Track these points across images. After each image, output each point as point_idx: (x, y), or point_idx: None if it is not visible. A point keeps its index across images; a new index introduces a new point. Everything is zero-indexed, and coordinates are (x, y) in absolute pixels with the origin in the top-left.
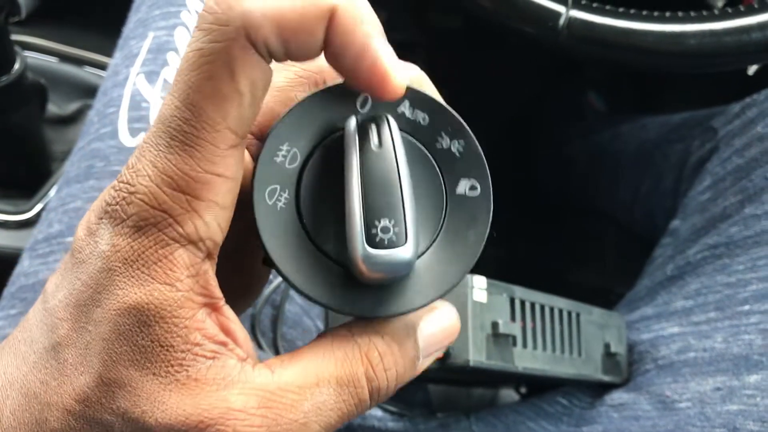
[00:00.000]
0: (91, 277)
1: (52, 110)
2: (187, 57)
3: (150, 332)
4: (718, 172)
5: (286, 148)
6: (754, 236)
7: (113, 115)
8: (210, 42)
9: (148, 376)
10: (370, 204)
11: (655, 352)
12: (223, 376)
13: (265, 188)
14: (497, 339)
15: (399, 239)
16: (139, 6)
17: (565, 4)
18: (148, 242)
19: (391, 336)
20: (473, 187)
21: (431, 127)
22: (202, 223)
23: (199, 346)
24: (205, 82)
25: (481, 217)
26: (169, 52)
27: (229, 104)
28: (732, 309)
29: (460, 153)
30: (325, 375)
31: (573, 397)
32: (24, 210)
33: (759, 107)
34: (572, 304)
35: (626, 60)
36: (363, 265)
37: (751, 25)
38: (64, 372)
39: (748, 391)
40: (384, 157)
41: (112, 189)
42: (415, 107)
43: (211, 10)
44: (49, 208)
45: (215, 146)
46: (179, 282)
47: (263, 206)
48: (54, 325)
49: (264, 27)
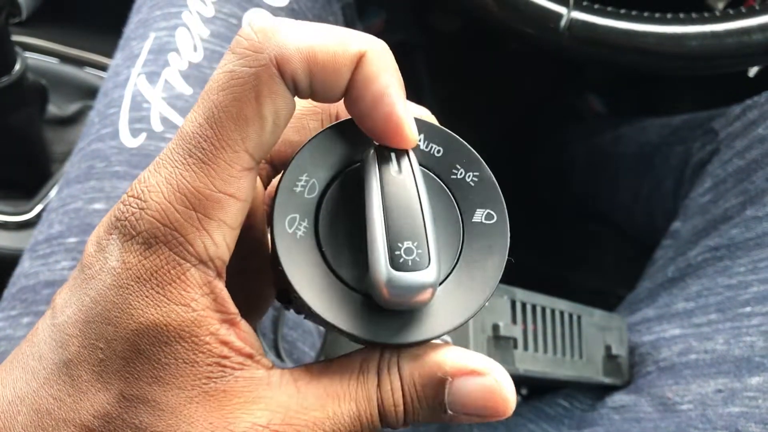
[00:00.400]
0: (100, 294)
1: (52, 111)
2: (216, 77)
3: (172, 351)
4: (719, 174)
5: (305, 178)
6: (756, 238)
7: (114, 116)
8: (242, 66)
9: (174, 390)
10: (392, 227)
11: (657, 354)
12: (251, 389)
13: (285, 217)
14: (498, 341)
15: (422, 261)
16: (140, 7)
17: (566, 5)
18: (160, 261)
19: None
20: (489, 215)
21: (446, 159)
22: (211, 243)
23: (227, 358)
24: (231, 102)
25: (498, 245)
26: (170, 53)
27: (250, 127)
28: (733, 311)
29: (475, 183)
30: (346, 397)
31: (574, 399)
32: (24, 211)
33: (760, 109)
34: (573, 306)
35: (627, 61)
36: (386, 287)
37: (752, 26)
38: (80, 389)
39: (749, 393)
40: (404, 182)
41: (122, 203)
42: (430, 141)
43: (247, 37)
44: (49, 208)
45: (231, 166)
46: (194, 302)
47: (283, 235)
48: (64, 342)
49: (295, 61)
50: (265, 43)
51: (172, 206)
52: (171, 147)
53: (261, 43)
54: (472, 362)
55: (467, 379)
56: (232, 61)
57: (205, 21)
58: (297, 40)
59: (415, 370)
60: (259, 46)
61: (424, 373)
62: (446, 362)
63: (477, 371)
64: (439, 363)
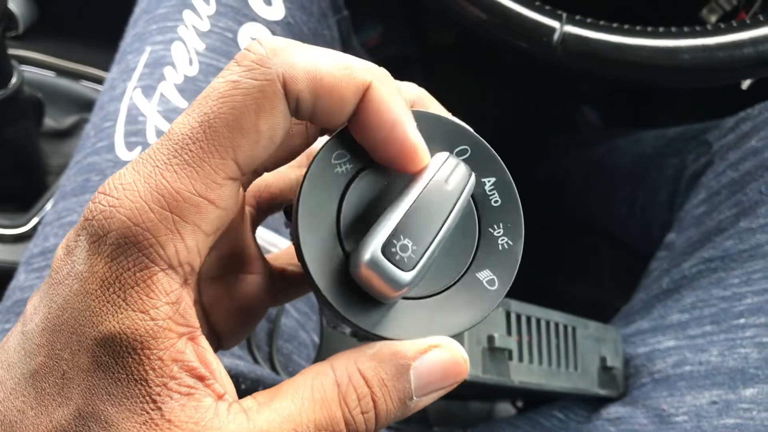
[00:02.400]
0: (66, 301)
1: (48, 124)
2: (217, 85)
3: (124, 364)
4: (713, 186)
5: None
6: (749, 250)
7: (110, 129)
8: (247, 77)
9: (125, 412)
10: (407, 221)
11: (651, 366)
12: (196, 420)
13: (335, 150)
14: (493, 353)
15: (409, 263)
16: (136, 21)
17: (559, 19)
18: (127, 263)
19: (376, 376)
20: (492, 281)
21: (497, 212)
22: (183, 247)
23: (175, 380)
24: (229, 111)
25: (480, 307)
26: (166, 67)
27: (244, 138)
28: (727, 322)
29: (503, 249)
30: (303, 420)
31: (569, 411)
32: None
33: (753, 121)
34: (568, 318)
35: (620, 74)
36: (364, 262)
37: (744, 40)
38: (42, 402)
39: (744, 405)
40: (446, 193)
41: (92, 202)
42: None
43: (255, 51)
44: (45, 222)
45: (216, 172)
46: (154, 310)
47: (324, 161)
48: (32, 352)
49: (301, 81)
50: (274, 60)
51: (147, 205)
52: (155, 147)
53: (269, 58)
54: (428, 341)
55: (426, 357)
56: (237, 72)
57: (201, 35)
58: (305, 61)
59: (379, 370)
60: (267, 61)
61: (389, 368)
62: (405, 350)
63: (433, 345)
64: (398, 352)
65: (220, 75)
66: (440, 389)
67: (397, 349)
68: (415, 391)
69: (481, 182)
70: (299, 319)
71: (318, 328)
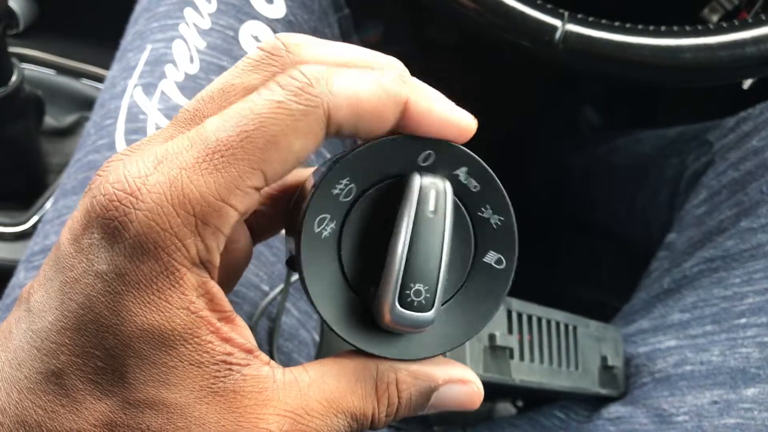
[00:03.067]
0: (90, 300)
1: (49, 122)
2: (260, 101)
3: (177, 353)
4: (714, 186)
5: (345, 182)
6: (750, 249)
7: (110, 127)
8: (294, 102)
9: (183, 392)
10: (411, 267)
11: (652, 366)
12: (260, 389)
13: (317, 215)
14: (494, 351)
15: (427, 304)
16: (137, 19)
17: (561, 18)
18: (159, 267)
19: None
20: (500, 260)
21: (479, 195)
22: (203, 248)
23: (231, 355)
24: (270, 126)
25: (497, 290)
26: (167, 65)
27: (277, 155)
28: (729, 322)
29: (497, 227)
30: (344, 406)
31: (570, 410)
32: (20, 222)
33: (754, 121)
34: (569, 317)
35: (622, 74)
36: (389, 319)
37: (746, 39)
38: (75, 399)
39: (745, 405)
40: (436, 226)
41: (106, 198)
42: (471, 175)
43: (300, 79)
44: (45, 220)
45: (243, 180)
46: (192, 304)
47: (310, 233)
48: (50, 351)
49: (343, 110)
50: (319, 89)
51: (174, 210)
52: (181, 145)
53: (315, 87)
54: (458, 373)
55: (452, 387)
56: (283, 95)
57: (202, 33)
58: (346, 89)
59: (412, 387)
60: (313, 90)
61: (420, 387)
62: (439, 377)
63: (462, 380)
64: (433, 377)
65: (259, 93)
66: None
67: (431, 374)
68: (428, 409)
69: (454, 175)
70: (300, 318)
71: (318, 326)
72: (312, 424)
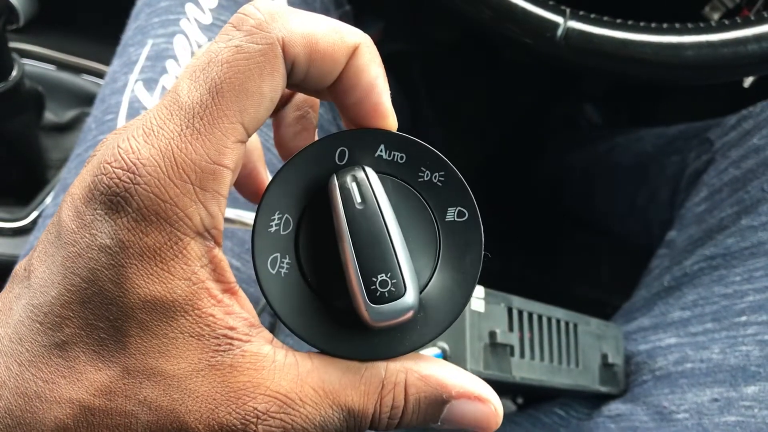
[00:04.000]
0: (94, 273)
1: (49, 118)
2: (219, 50)
3: (178, 325)
4: (715, 184)
5: (277, 216)
6: (751, 247)
7: (111, 123)
8: (249, 42)
9: (181, 364)
10: (363, 262)
11: (653, 363)
12: (257, 367)
13: (267, 259)
14: (495, 349)
15: (398, 290)
16: (138, 14)
17: (563, 15)
18: (161, 237)
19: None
20: (461, 213)
21: (410, 163)
22: (206, 214)
23: (233, 329)
24: (235, 75)
25: (473, 240)
26: (168, 60)
27: (249, 101)
28: (729, 320)
29: (442, 183)
30: (342, 400)
31: (570, 408)
32: (20, 217)
33: (755, 119)
34: (570, 314)
35: (623, 71)
36: (369, 319)
37: (748, 36)
38: (77, 369)
39: (745, 402)
40: (368, 214)
41: (106, 176)
42: (391, 149)
43: (254, 16)
44: (45, 215)
45: (226, 137)
46: (194, 275)
47: (268, 277)
48: (54, 324)
49: (299, 45)
50: (273, 24)
51: (171, 180)
52: (162, 116)
53: (268, 23)
54: (475, 388)
55: (468, 403)
56: (238, 37)
57: (203, 28)
58: (302, 26)
59: (421, 392)
60: (266, 25)
61: (430, 394)
62: (452, 387)
63: (480, 398)
64: (445, 386)
65: (219, 40)
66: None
67: (442, 382)
68: (441, 421)
69: (376, 157)
70: None
71: None
72: (302, 410)
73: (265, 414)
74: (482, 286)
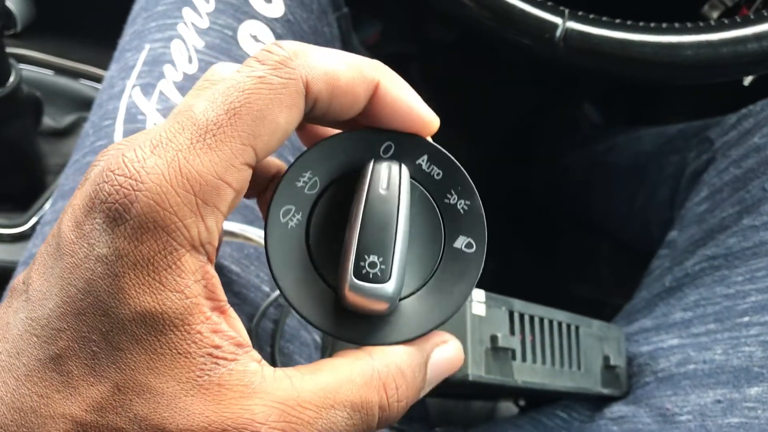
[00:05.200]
0: (89, 284)
1: (47, 123)
2: (241, 79)
3: (167, 340)
4: (715, 183)
5: (308, 175)
6: (753, 247)
7: (109, 128)
8: (273, 75)
9: (170, 382)
10: (363, 239)
11: (655, 365)
12: (246, 383)
13: (282, 206)
14: (496, 352)
15: (383, 275)
16: (135, 18)
17: (561, 15)
18: (157, 246)
19: (409, 367)
20: (470, 244)
21: (443, 182)
22: (204, 228)
23: (219, 348)
24: (255, 102)
25: (470, 273)
26: (165, 65)
27: (265, 128)
28: (731, 321)
29: (465, 211)
30: (341, 397)
31: (572, 410)
32: (19, 223)
33: (755, 118)
34: (571, 316)
35: (623, 71)
36: (346, 291)
37: (747, 35)
38: (71, 384)
39: (749, 404)
40: (387, 200)
41: (107, 183)
42: (433, 163)
43: (278, 53)
44: (44, 221)
45: (236, 157)
46: (187, 289)
47: (275, 222)
48: (50, 337)
49: (321, 82)
50: (297, 61)
51: (174, 190)
52: (173, 129)
53: (293, 59)
54: (437, 336)
55: (438, 351)
56: (261, 69)
57: (200, 32)
58: (324, 64)
59: (410, 361)
60: (290, 62)
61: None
62: (425, 346)
63: (443, 341)
64: (422, 347)
65: (242, 71)
66: (443, 377)
67: (420, 345)
68: (427, 382)
69: (416, 164)
70: (301, 320)
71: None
72: (304, 415)
73: (265, 424)
74: (483, 290)
